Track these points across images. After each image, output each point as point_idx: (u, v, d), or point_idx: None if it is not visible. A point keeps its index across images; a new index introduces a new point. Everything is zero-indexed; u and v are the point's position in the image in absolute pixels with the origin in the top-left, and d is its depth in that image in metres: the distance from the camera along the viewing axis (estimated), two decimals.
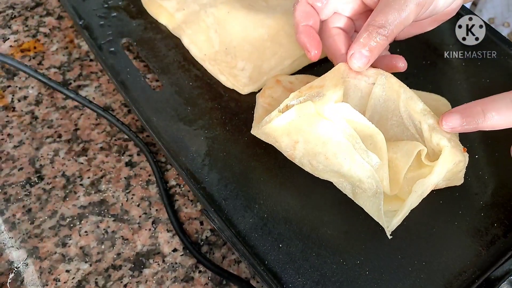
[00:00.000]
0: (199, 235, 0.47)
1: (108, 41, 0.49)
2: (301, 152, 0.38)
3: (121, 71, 0.47)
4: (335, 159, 0.36)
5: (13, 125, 0.53)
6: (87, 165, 0.51)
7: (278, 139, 0.39)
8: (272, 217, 0.40)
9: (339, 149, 0.36)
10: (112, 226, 0.47)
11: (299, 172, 0.41)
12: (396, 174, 0.37)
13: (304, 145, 0.37)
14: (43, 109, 0.54)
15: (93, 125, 0.53)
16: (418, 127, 0.38)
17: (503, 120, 0.35)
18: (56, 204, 0.48)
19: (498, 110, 0.35)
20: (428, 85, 0.48)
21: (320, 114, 0.36)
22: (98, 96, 0.55)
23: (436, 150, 0.37)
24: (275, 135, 0.39)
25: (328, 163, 0.37)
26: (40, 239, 0.46)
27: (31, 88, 0.56)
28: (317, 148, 0.37)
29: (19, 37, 0.60)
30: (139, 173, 0.50)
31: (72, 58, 0.58)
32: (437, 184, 0.38)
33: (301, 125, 0.37)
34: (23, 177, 0.50)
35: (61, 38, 0.60)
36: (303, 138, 0.37)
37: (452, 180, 0.40)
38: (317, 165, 0.38)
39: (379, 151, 0.36)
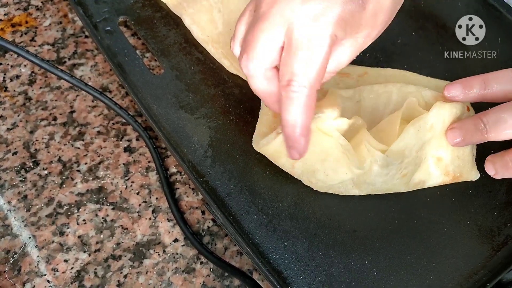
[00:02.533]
0: (201, 225, 0.46)
1: (104, 19, 0.46)
2: (300, 170, 0.39)
3: (118, 52, 0.44)
4: (335, 175, 0.37)
5: (6, 106, 0.51)
6: (84, 150, 0.49)
7: (277, 160, 0.40)
8: (277, 214, 0.39)
9: (338, 165, 0.36)
10: (111, 215, 0.46)
11: None
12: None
13: (303, 164, 0.38)
14: (37, 89, 0.52)
15: (89, 108, 0.51)
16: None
17: (503, 92, 0.36)
18: (52, 191, 0.47)
19: (499, 82, 0.36)
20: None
21: (320, 130, 0.36)
22: (95, 76, 0.52)
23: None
24: (273, 156, 0.39)
25: (327, 179, 0.37)
26: (37, 228, 0.45)
27: (24, 67, 0.53)
28: (316, 166, 0.37)
29: (9, 10, 0.56)
30: (138, 159, 0.49)
31: (66, 34, 0.55)
32: (450, 172, 0.38)
33: None
34: (17, 162, 0.48)
35: (54, 12, 0.56)
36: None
37: (465, 169, 0.39)
38: (316, 182, 0.38)
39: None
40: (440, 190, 0.40)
